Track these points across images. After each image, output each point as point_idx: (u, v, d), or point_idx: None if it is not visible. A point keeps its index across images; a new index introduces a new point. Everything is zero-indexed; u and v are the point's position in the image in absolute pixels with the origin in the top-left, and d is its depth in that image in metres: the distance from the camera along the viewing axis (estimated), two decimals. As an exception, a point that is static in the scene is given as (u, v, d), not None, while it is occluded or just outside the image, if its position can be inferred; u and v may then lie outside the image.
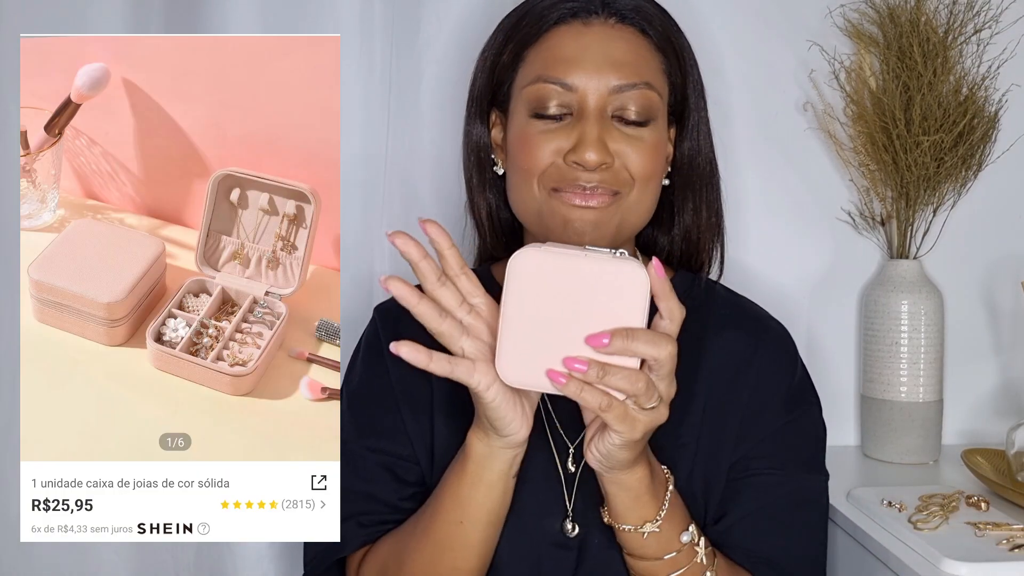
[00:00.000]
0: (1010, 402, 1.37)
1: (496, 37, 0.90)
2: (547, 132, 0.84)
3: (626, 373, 0.65)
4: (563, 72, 0.84)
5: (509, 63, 0.88)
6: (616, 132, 0.84)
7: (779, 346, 0.92)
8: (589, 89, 0.83)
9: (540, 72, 0.85)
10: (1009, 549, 0.92)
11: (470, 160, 0.94)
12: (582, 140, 0.82)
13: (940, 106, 1.22)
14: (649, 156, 0.85)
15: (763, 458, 0.87)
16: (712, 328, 0.90)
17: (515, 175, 0.88)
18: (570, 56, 0.84)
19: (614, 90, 0.83)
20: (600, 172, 0.83)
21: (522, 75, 0.87)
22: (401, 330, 0.90)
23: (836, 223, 1.34)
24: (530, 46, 0.87)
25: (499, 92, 0.90)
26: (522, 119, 0.86)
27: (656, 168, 0.86)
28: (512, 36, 0.88)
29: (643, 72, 0.85)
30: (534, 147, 0.84)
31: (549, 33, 0.86)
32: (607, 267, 0.66)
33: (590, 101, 0.83)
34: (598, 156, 0.82)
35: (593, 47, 0.84)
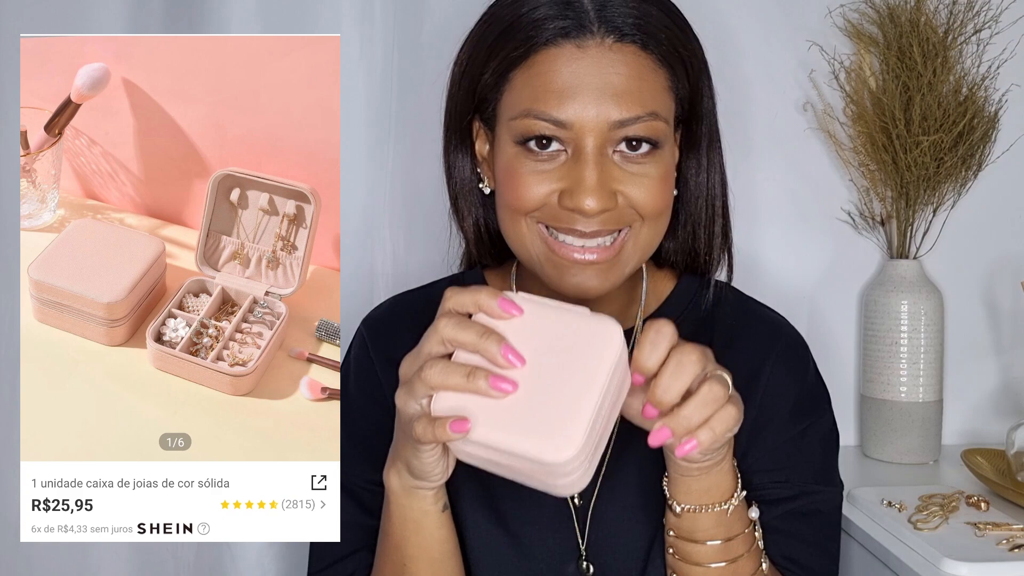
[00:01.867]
0: (1010, 402, 1.37)
1: (476, 49, 0.79)
2: (539, 172, 0.75)
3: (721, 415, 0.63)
4: (555, 106, 0.73)
5: (492, 84, 0.77)
6: (618, 171, 0.74)
7: (789, 356, 0.87)
8: (587, 125, 0.73)
9: (529, 105, 0.74)
10: (1009, 549, 0.92)
11: (452, 189, 0.86)
12: (580, 185, 0.73)
13: (940, 106, 1.22)
14: (657, 191, 0.76)
15: (767, 472, 0.83)
16: (720, 339, 0.85)
17: (503, 208, 0.79)
18: (562, 87, 0.73)
19: (615, 125, 0.73)
20: (601, 217, 0.74)
21: (508, 101, 0.76)
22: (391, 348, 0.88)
23: (836, 223, 1.34)
24: (516, 67, 0.75)
25: (482, 109, 0.80)
26: (510, 151, 0.76)
27: (664, 201, 0.78)
28: (495, 51, 0.77)
29: (646, 100, 0.74)
30: (523, 187, 0.75)
31: (538, 55, 0.74)
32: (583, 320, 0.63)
33: (588, 140, 0.73)
34: (599, 203, 0.73)
35: (589, 75, 0.73)
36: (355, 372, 0.88)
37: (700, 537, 0.73)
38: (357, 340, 0.89)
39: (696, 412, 0.62)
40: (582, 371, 0.61)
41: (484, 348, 0.61)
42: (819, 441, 0.86)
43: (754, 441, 0.83)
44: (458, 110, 0.82)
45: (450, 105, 0.84)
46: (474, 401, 0.61)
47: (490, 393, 0.61)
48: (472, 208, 0.86)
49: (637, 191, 0.75)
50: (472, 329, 0.62)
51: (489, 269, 0.91)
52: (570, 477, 0.61)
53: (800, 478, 0.84)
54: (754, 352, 0.85)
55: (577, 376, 0.61)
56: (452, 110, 0.83)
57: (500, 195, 0.79)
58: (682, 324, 0.86)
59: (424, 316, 0.87)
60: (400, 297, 0.92)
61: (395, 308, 0.91)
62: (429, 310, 0.87)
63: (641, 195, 0.75)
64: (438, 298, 0.88)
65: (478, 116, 0.81)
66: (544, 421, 0.60)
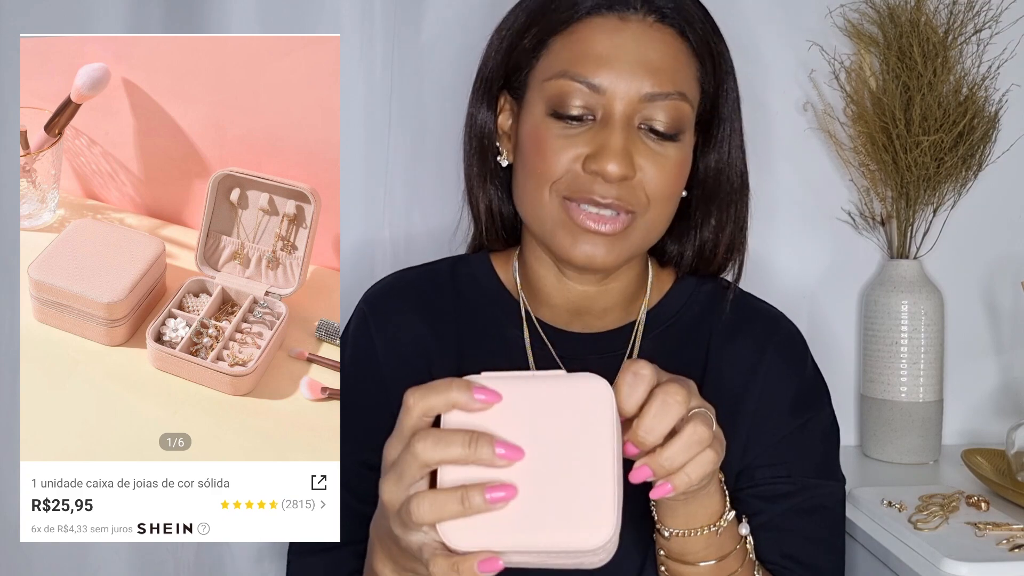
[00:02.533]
0: (1010, 402, 1.37)
1: (517, 16, 0.82)
2: (566, 137, 0.77)
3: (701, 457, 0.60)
4: (592, 71, 0.76)
5: (530, 48, 0.80)
6: (642, 145, 0.77)
7: (787, 349, 0.88)
8: (618, 93, 0.76)
9: (566, 67, 0.77)
10: (1009, 549, 0.92)
11: (472, 147, 0.87)
12: (605, 148, 0.75)
13: (940, 106, 1.22)
14: (672, 175, 0.79)
15: (768, 467, 0.83)
16: (718, 336, 0.87)
17: (525, 176, 0.81)
18: (602, 53, 0.76)
19: (646, 98, 0.76)
20: (619, 187, 0.76)
21: (544, 65, 0.79)
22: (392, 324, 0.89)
23: (836, 223, 1.34)
24: (557, 34, 0.78)
25: (514, 77, 0.82)
26: (538, 116, 0.79)
27: (676, 187, 0.80)
28: (537, 19, 0.80)
29: (678, 80, 0.77)
30: (550, 152, 0.77)
31: (580, 23, 0.77)
32: (565, 383, 0.57)
33: (618, 107, 0.76)
34: (621, 168, 0.75)
35: (628, 46, 0.76)
36: (352, 349, 0.88)
37: (692, 559, 0.72)
38: (356, 316, 0.90)
39: (678, 455, 0.59)
40: (587, 440, 0.56)
41: (477, 458, 0.55)
42: (820, 435, 0.87)
43: (754, 436, 0.84)
44: (490, 75, 0.85)
45: (482, 69, 0.86)
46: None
47: (492, 508, 0.55)
48: (486, 186, 0.88)
49: (653, 170, 0.77)
50: (455, 441, 0.55)
51: (494, 253, 0.92)
52: (608, 548, 0.56)
53: (802, 472, 0.84)
54: (752, 346, 0.86)
55: (584, 447, 0.56)
56: (483, 74, 0.85)
57: (524, 163, 0.81)
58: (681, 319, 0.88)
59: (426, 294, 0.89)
60: (402, 273, 0.93)
61: (397, 283, 0.91)
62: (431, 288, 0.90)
63: (656, 175, 0.78)
64: (441, 276, 0.91)
65: (505, 89, 0.84)
66: (570, 507, 0.55)
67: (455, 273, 0.91)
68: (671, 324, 0.88)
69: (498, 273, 0.91)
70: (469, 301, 0.89)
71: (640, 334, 0.87)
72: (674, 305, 0.89)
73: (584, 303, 0.87)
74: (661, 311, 0.89)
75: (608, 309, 0.88)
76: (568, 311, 0.88)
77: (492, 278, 0.91)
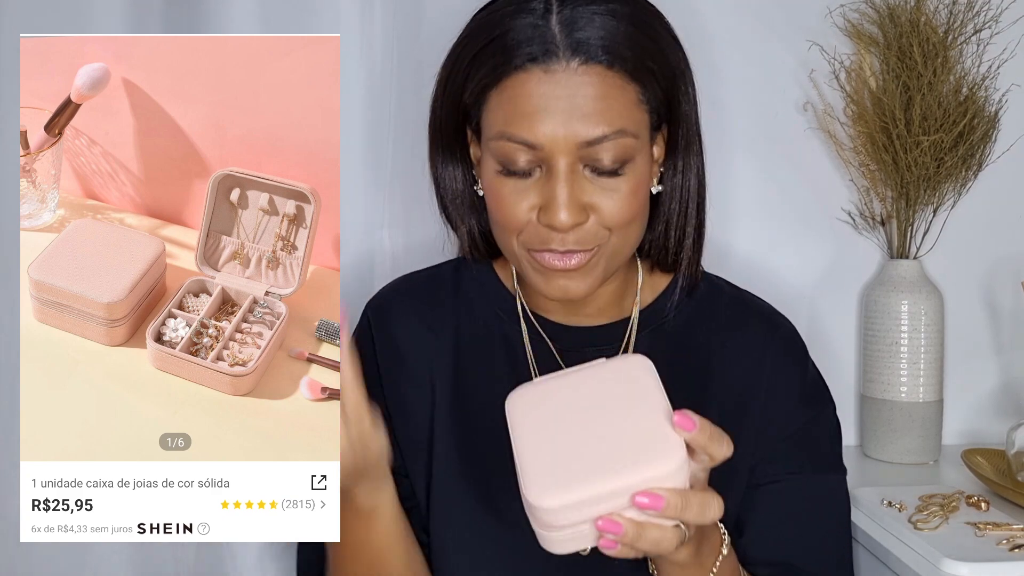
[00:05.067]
0: (1010, 402, 1.37)
1: (456, 67, 0.82)
2: (518, 191, 0.79)
3: (657, 535, 0.63)
4: (526, 130, 0.76)
5: (473, 101, 0.81)
6: (590, 185, 0.78)
7: (790, 345, 0.90)
8: (557, 147, 0.76)
9: (503, 127, 0.77)
10: (1009, 549, 0.92)
11: (442, 200, 0.90)
12: (552, 202, 0.77)
13: (940, 106, 1.22)
14: (627, 204, 0.79)
15: (780, 462, 0.86)
16: (720, 330, 0.89)
17: (493, 221, 0.84)
18: (532, 111, 0.76)
19: (583, 144, 0.76)
20: (574, 233, 0.78)
21: (487, 121, 0.80)
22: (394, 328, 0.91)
23: (836, 223, 1.34)
24: (492, 88, 0.79)
25: (470, 120, 0.84)
26: (491, 171, 0.80)
27: (636, 212, 0.81)
28: (472, 72, 0.80)
29: (614, 119, 0.76)
30: (508, 206, 0.79)
31: (510, 79, 0.77)
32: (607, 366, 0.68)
33: (558, 160, 0.76)
34: (571, 218, 0.77)
35: (557, 98, 0.75)
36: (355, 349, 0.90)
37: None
38: (361, 322, 0.93)
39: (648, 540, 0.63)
40: (639, 395, 0.66)
41: None
42: (830, 428, 0.90)
43: (764, 430, 0.86)
44: (444, 122, 0.85)
45: (434, 117, 0.87)
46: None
47: None
48: (464, 215, 0.89)
49: (607, 204, 0.78)
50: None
51: (499, 259, 0.94)
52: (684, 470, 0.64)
53: (813, 465, 0.87)
54: (755, 342, 0.89)
55: (638, 400, 0.66)
56: (437, 122, 0.86)
57: (489, 210, 0.83)
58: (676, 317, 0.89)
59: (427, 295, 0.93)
60: (407, 276, 0.96)
61: (400, 286, 0.95)
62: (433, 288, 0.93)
63: (610, 208, 0.78)
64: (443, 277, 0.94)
65: (468, 126, 0.85)
66: (641, 445, 0.64)
67: (457, 274, 0.94)
68: (665, 321, 0.90)
69: (498, 273, 0.94)
70: (469, 299, 0.92)
71: (635, 329, 0.89)
72: (668, 303, 0.91)
73: (577, 305, 0.90)
74: (656, 308, 0.91)
75: (601, 309, 0.90)
76: (563, 311, 0.91)
77: (491, 277, 0.93)
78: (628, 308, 0.91)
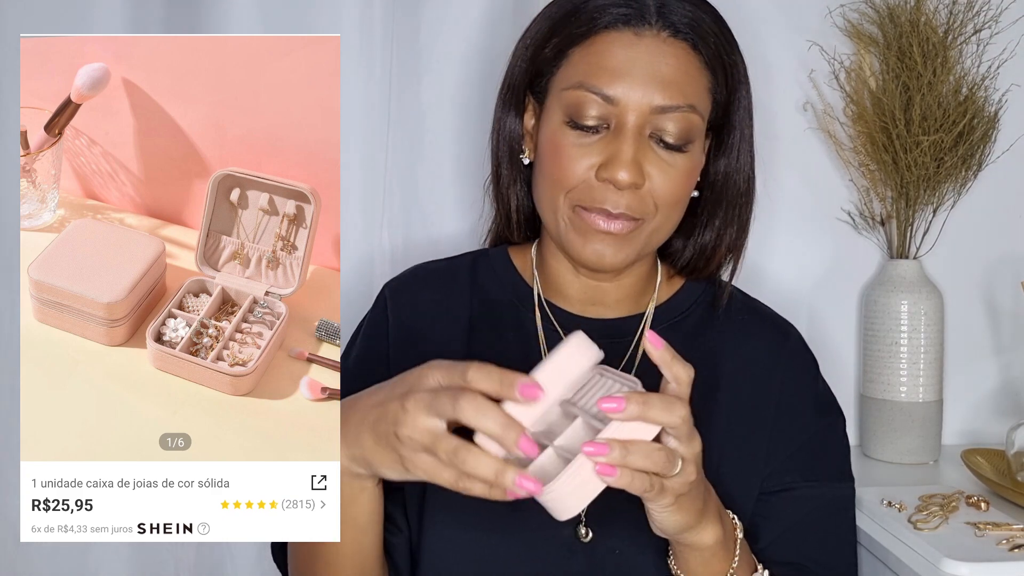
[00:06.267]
0: (1010, 402, 1.37)
1: (540, 25, 0.86)
2: (580, 146, 0.81)
3: (646, 450, 0.63)
4: (607, 83, 0.79)
5: (551, 57, 0.84)
6: (652, 154, 0.81)
7: (801, 355, 0.92)
8: (631, 105, 0.79)
9: (583, 78, 0.81)
10: (1009, 549, 0.92)
11: (501, 150, 0.91)
12: (616, 157, 0.79)
13: (940, 106, 1.22)
14: (679, 184, 0.82)
15: (796, 471, 0.87)
16: (731, 336, 0.90)
17: (543, 179, 0.85)
18: (616, 67, 0.80)
19: (656, 110, 0.79)
20: (628, 195, 0.80)
21: (563, 74, 0.83)
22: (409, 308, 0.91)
23: (836, 223, 1.34)
24: (576, 45, 0.82)
25: (536, 82, 0.86)
26: (556, 123, 0.82)
27: (683, 194, 0.84)
28: (558, 29, 0.83)
29: (688, 93, 0.81)
30: (566, 160, 0.81)
31: (598, 36, 0.81)
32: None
33: (630, 118, 0.79)
34: (631, 176, 0.79)
35: (641, 61, 0.79)
36: (365, 330, 0.93)
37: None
38: (377, 301, 0.94)
39: (637, 455, 0.63)
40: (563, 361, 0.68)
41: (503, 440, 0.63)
42: (841, 437, 0.92)
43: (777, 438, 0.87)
44: (516, 79, 0.88)
45: (509, 74, 0.89)
46: None
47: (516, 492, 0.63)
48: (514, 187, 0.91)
49: (661, 178, 0.81)
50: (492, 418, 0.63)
51: (512, 246, 0.96)
52: None
53: (826, 474, 0.88)
54: (767, 349, 0.90)
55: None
56: (510, 78, 0.89)
57: (542, 167, 0.85)
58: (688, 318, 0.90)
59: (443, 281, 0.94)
60: (425, 264, 0.97)
61: (418, 272, 0.96)
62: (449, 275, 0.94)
63: (663, 183, 0.81)
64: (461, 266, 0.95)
65: (530, 90, 0.87)
66: None
67: (475, 264, 0.95)
68: (678, 320, 0.91)
69: (515, 264, 0.95)
70: (485, 287, 0.93)
71: (648, 325, 0.91)
72: (682, 304, 0.92)
73: (596, 295, 0.91)
74: (670, 307, 0.92)
75: (619, 301, 0.91)
76: (580, 301, 0.91)
77: (509, 267, 0.94)
78: (644, 304, 0.92)
